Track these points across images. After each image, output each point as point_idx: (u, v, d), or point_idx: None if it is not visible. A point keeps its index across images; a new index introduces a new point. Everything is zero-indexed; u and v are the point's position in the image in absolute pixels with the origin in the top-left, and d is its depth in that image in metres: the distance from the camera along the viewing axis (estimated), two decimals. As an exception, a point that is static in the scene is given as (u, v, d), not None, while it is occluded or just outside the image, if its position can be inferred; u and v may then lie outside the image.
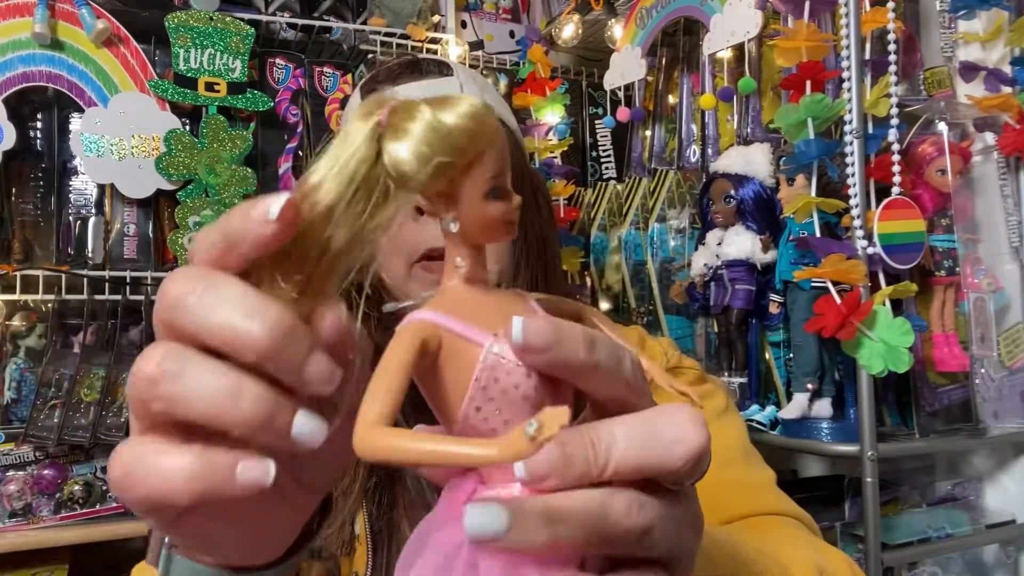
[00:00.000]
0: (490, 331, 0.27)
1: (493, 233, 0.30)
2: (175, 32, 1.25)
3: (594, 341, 0.26)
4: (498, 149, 0.29)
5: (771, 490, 0.66)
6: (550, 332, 0.25)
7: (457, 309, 0.28)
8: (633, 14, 1.36)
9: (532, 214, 0.71)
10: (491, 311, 0.29)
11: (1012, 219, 1.07)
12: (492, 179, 0.29)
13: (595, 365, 0.26)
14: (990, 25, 1.10)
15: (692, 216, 1.25)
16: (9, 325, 1.23)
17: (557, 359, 0.25)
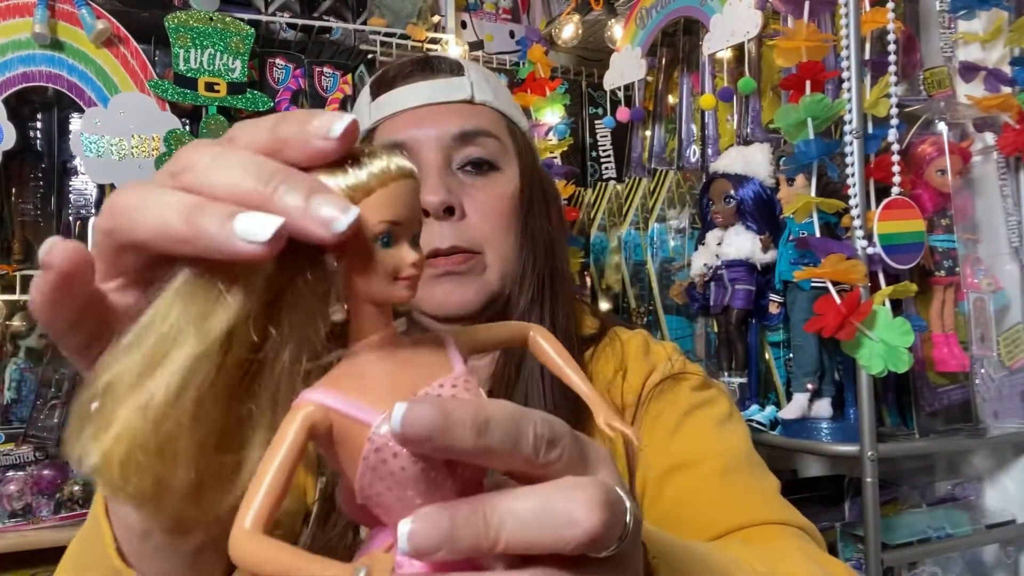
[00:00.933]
0: (382, 407, 0.26)
1: (383, 289, 0.27)
2: (175, 32, 1.25)
3: (487, 423, 0.25)
4: (402, 193, 0.27)
5: (774, 499, 0.64)
6: (431, 420, 0.24)
7: (351, 384, 0.27)
8: (633, 14, 1.36)
9: (540, 217, 0.71)
10: (391, 381, 0.27)
11: (1012, 219, 1.07)
12: (386, 223, 0.26)
13: (486, 449, 0.25)
14: (990, 25, 1.10)
15: (692, 216, 1.25)
16: (9, 325, 1.23)
17: (441, 447, 0.24)
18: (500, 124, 0.71)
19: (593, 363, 0.70)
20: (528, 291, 0.67)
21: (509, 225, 0.68)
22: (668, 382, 0.68)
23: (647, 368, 0.68)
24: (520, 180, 0.70)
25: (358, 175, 0.26)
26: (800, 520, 0.62)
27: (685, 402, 0.67)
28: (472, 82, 0.70)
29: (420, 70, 0.71)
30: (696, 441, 0.64)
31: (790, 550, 0.55)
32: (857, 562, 0.97)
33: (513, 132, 0.72)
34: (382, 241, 0.26)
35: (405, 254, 0.27)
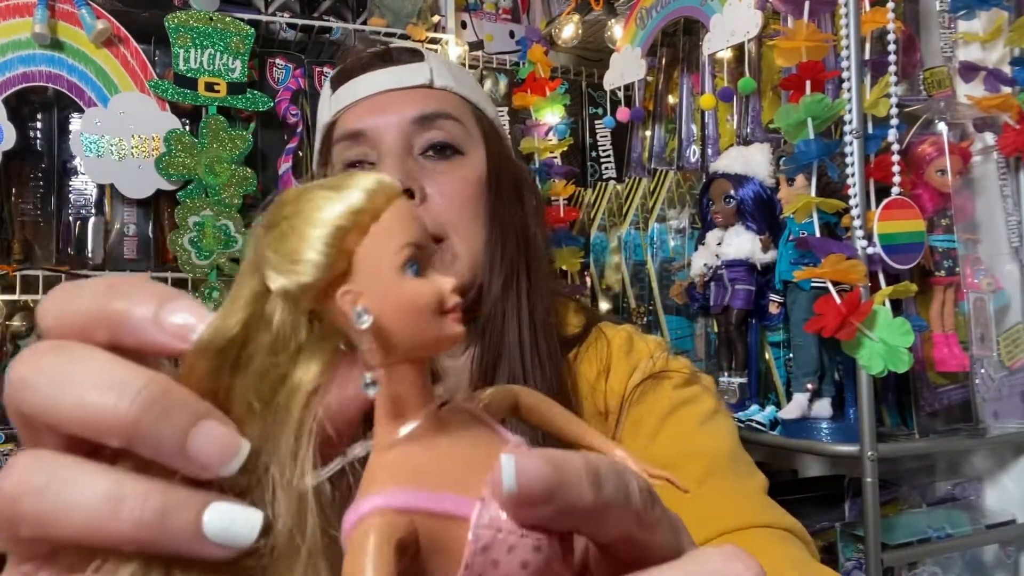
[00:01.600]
0: (473, 495, 0.20)
1: (433, 330, 0.21)
2: (175, 32, 1.25)
3: (598, 473, 0.20)
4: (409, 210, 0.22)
5: (760, 500, 0.61)
6: (547, 473, 0.19)
7: (419, 475, 0.20)
8: (633, 14, 1.36)
9: (510, 204, 0.69)
10: (464, 463, 0.21)
11: (1012, 219, 1.07)
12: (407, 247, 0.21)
13: (605, 505, 0.20)
14: (990, 25, 1.10)
15: (692, 216, 1.25)
16: (9, 325, 1.23)
17: (563, 507, 0.19)
18: (463, 109, 0.70)
19: (577, 364, 0.68)
20: (499, 278, 0.65)
21: (476, 210, 0.66)
22: (649, 382, 0.66)
23: (629, 368, 0.67)
24: (487, 166, 0.68)
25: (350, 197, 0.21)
26: (786, 521, 0.60)
27: (667, 402, 0.65)
28: (431, 68, 0.69)
29: (378, 60, 0.70)
30: (677, 443, 0.62)
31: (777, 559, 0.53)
32: (857, 562, 0.97)
33: (479, 118, 0.71)
34: (412, 270, 0.21)
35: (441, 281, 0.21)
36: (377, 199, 0.21)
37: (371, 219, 0.21)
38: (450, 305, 0.21)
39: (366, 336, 0.20)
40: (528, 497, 0.19)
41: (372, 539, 0.18)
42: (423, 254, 0.21)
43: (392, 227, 0.21)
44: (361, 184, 0.21)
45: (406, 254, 0.21)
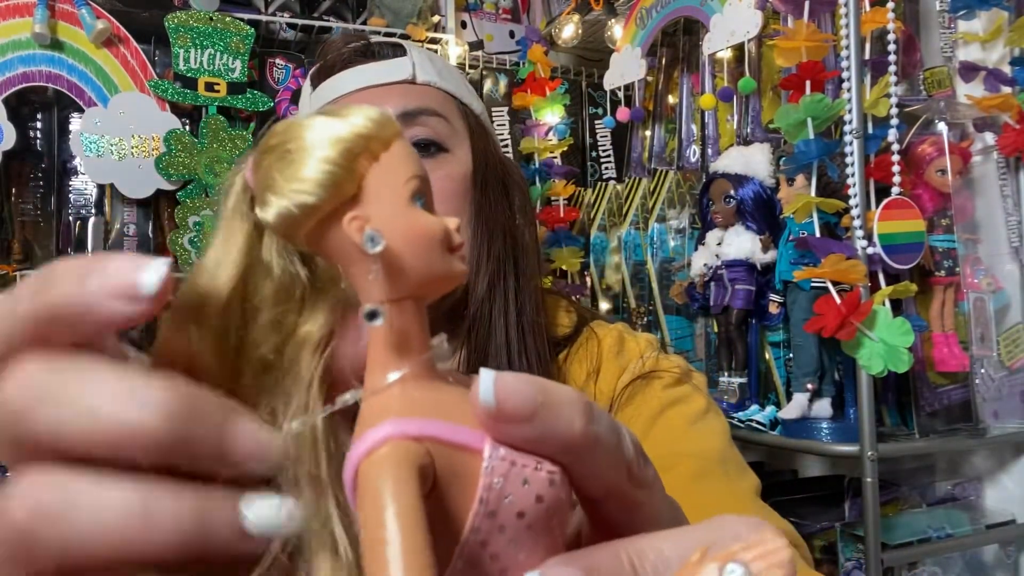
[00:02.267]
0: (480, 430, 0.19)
1: (441, 264, 0.20)
2: (175, 32, 1.25)
3: (590, 407, 0.19)
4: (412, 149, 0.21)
5: (752, 501, 0.60)
6: (532, 391, 0.18)
7: (428, 408, 0.19)
8: (633, 14, 1.36)
9: (496, 200, 0.67)
10: (462, 399, 0.19)
11: (1012, 219, 1.07)
12: (416, 178, 0.20)
13: (595, 439, 0.19)
14: (990, 25, 1.10)
15: (692, 216, 1.25)
16: (9, 325, 1.23)
17: (549, 431, 0.18)
18: (447, 104, 0.68)
19: (567, 366, 0.67)
20: (485, 278, 0.63)
21: (461, 209, 0.65)
22: (639, 383, 0.64)
23: (618, 369, 0.65)
24: (472, 162, 0.67)
25: (356, 121, 0.20)
26: (778, 524, 0.58)
27: (656, 403, 0.64)
28: (414, 63, 0.68)
29: (359, 55, 0.69)
30: (667, 445, 0.61)
31: None
32: (857, 562, 0.97)
33: (464, 113, 0.70)
34: (420, 203, 0.20)
35: (447, 219, 0.21)
36: (386, 128, 0.21)
37: (382, 146, 0.20)
38: (457, 242, 0.21)
39: (374, 265, 0.19)
40: (507, 413, 0.18)
41: (390, 466, 0.17)
42: (428, 190, 0.21)
43: (403, 157, 0.21)
44: (365, 112, 0.20)
45: (415, 185, 0.20)
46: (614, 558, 0.18)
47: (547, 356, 0.65)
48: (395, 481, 0.17)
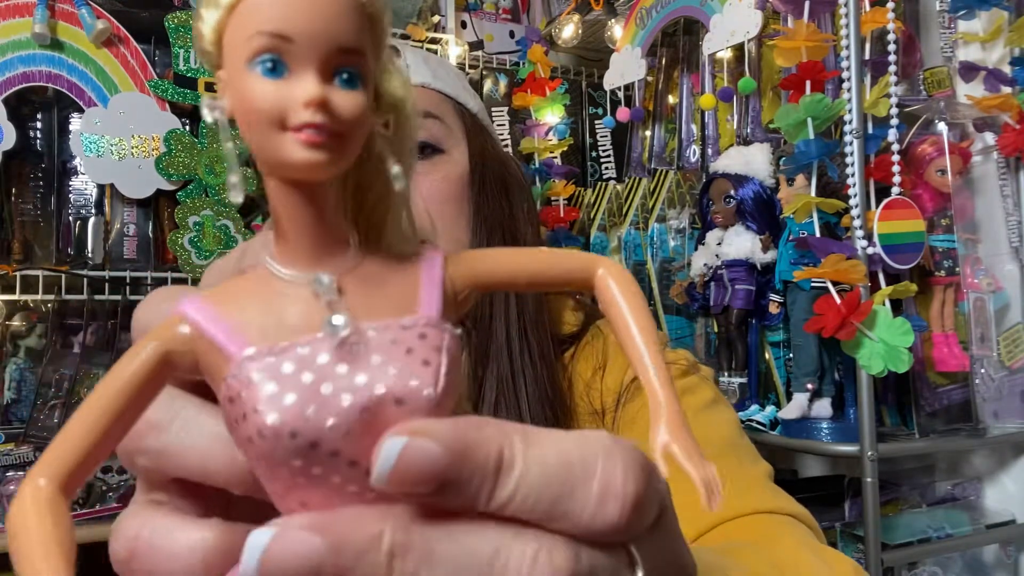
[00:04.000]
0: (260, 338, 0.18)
1: (265, 146, 0.18)
2: (175, 32, 1.25)
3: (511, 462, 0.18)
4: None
5: (765, 485, 0.60)
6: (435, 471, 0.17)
7: (237, 299, 0.19)
8: (633, 14, 1.36)
9: (495, 199, 0.67)
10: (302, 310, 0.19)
11: (1012, 219, 1.07)
12: (259, 35, 0.17)
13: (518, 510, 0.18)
14: (990, 25, 1.10)
15: (692, 216, 1.25)
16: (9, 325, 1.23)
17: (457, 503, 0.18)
18: (443, 105, 0.68)
19: (573, 363, 0.66)
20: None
21: (460, 209, 0.64)
22: None
23: (624, 363, 0.65)
24: (470, 162, 0.67)
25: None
26: (793, 507, 0.58)
27: None
28: (408, 64, 0.67)
29: None
30: None
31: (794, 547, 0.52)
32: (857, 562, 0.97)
33: (460, 113, 0.69)
34: (263, 67, 0.17)
35: (299, 88, 0.17)
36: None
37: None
38: (295, 122, 0.17)
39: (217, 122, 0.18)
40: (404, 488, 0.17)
41: (148, 338, 0.19)
42: (297, 49, 0.17)
43: (253, 8, 0.17)
44: None
45: (258, 43, 0.17)
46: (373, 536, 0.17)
47: (551, 354, 0.64)
48: (138, 352, 0.19)
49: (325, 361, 0.18)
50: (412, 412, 0.18)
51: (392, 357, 0.18)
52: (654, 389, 0.20)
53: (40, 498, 0.17)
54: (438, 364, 0.18)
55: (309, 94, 0.17)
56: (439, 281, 0.20)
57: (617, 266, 0.21)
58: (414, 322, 0.19)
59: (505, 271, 0.21)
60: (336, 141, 0.18)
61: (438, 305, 0.20)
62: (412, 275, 0.20)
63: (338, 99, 0.18)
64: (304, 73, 0.18)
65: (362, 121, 0.18)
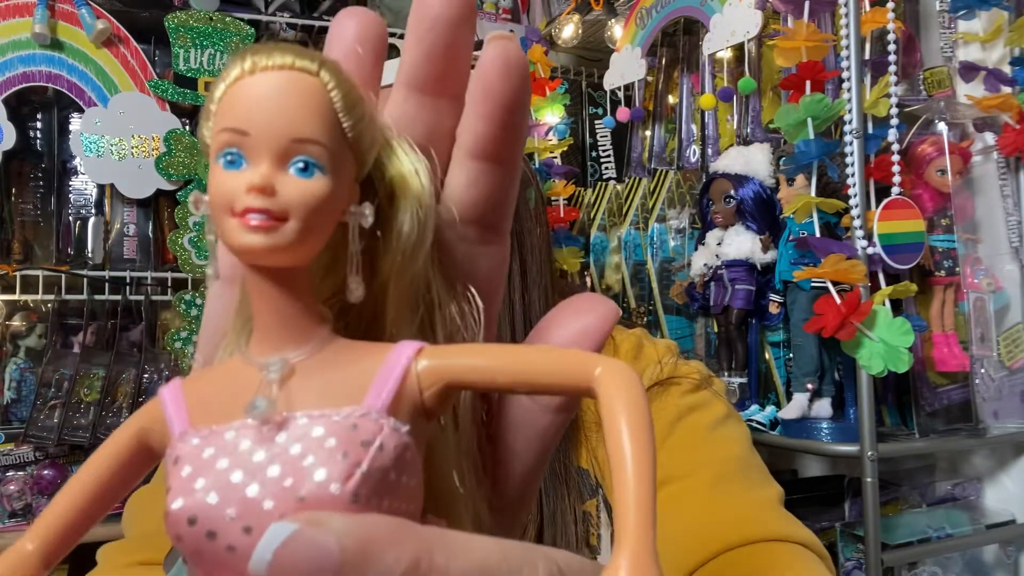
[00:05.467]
0: (203, 419, 0.19)
1: (223, 232, 0.19)
2: (175, 32, 1.25)
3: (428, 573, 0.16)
4: (258, 90, 0.19)
5: (775, 511, 0.58)
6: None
7: (205, 383, 0.20)
8: (633, 14, 1.36)
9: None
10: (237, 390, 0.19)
11: (1012, 219, 1.07)
12: (223, 132, 0.18)
13: None
14: (990, 25, 1.10)
15: (692, 216, 1.25)
16: (9, 325, 1.23)
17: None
18: None
19: None
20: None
21: None
22: (656, 389, 0.63)
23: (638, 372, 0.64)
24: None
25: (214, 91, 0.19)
26: (802, 534, 0.56)
27: (674, 410, 0.62)
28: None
29: None
30: (686, 452, 0.59)
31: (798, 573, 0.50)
32: (857, 562, 0.97)
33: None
34: (225, 161, 0.19)
35: (244, 176, 0.18)
36: (231, 75, 0.19)
37: (217, 101, 0.19)
38: (238, 207, 0.18)
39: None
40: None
41: (131, 420, 0.20)
42: (252, 143, 0.18)
43: (224, 109, 0.19)
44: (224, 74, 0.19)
45: (223, 139, 0.18)
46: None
47: None
48: (121, 429, 0.20)
49: (245, 447, 0.18)
50: (313, 510, 0.17)
51: (312, 448, 0.17)
52: (626, 523, 0.17)
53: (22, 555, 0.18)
54: (358, 459, 0.17)
55: (254, 179, 0.18)
56: (400, 374, 0.19)
57: (618, 367, 0.19)
58: (349, 413, 0.18)
59: (485, 371, 0.20)
60: (279, 226, 0.18)
61: (387, 398, 0.19)
62: (372, 365, 0.19)
63: (287, 185, 0.18)
64: (259, 164, 0.18)
65: (315, 206, 0.19)
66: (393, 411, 0.18)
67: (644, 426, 0.18)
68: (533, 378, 0.19)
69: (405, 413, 0.19)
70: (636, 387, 0.18)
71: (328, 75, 0.19)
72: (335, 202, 0.19)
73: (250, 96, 0.18)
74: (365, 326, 0.21)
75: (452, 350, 0.20)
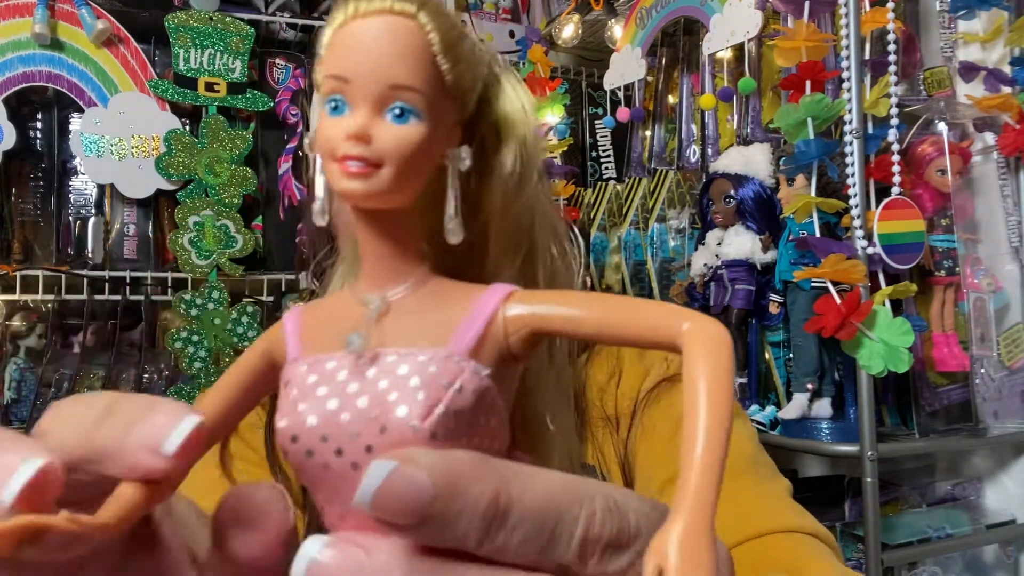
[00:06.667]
0: (316, 348, 0.20)
1: (329, 175, 0.20)
2: (175, 32, 1.25)
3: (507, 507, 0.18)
4: (357, 36, 0.19)
5: (785, 503, 0.58)
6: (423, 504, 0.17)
7: (323, 309, 0.22)
8: (633, 14, 1.36)
9: None
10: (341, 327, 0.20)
11: (1012, 219, 1.07)
12: (327, 79, 0.20)
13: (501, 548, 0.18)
14: (990, 25, 1.10)
15: (692, 216, 1.25)
16: (9, 325, 1.23)
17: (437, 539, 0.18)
18: None
19: (587, 368, 0.65)
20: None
21: None
22: (664, 385, 0.63)
23: (642, 372, 0.64)
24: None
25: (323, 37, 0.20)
26: (813, 526, 0.57)
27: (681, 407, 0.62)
28: None
29: None
30: None
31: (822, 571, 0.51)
32: (857, 562, 0.97)
33: None
34: (329, 107, 0.20)
35: (344, 123, 0.19)
36: (336, 21, 0.20)
37: (326, 47, 0.20)
38: (338, 154, 0.19)
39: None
40: (387, 517, 0.17)
41: (260, 340, 0.22)
42: (352, 89, 0.19)
43: (329, 56, 0.20)
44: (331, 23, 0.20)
45: (328, 86, 0.20)
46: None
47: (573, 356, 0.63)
48: (253, 345, 0.22)
49: (342, 378, 0.19)
50: (393, 442, 0.18)
51: (396, 385, 0.19)
52: (686, 486, 0.18)
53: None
54: (437, 399, 0.18)
55: (348, 128, 0.19)
56: (486, 319, 0.20)
57: (707, 324, 0.19)
58: (432, 354, 0.19)
59: (571, 319, 0.20)
60: (374, 172, 0.19)
61: (470, 342, 0.20)
62: (460, 308, 0.20)
63: (383, 132, 0.19)
64: (358, 111, 0.19)
65: (408, 153, 0.19)
66: (476, 354, 0.20)
67: (724, 390, 0.18)
68: (617, 329, 0.20)
69: (489, 356, 0.20)
70: (723, 348, 0.18)
71: (426, 17, 0.20)
72: (431, 147, 0.20)
73: (350, 43, 0.19)
74: (467, 264, 0.22)
75: (541, 296, 0.21)
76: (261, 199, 1.33)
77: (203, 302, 1.24)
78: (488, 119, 0.22)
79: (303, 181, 1.35)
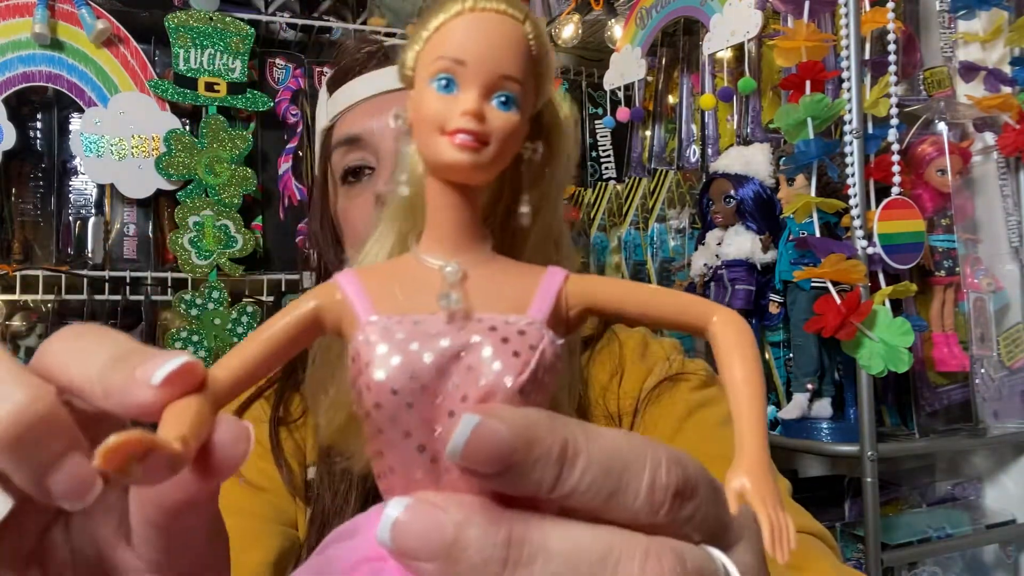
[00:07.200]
0: (389, 309, 0.22)
1: (426, 144, 0.22)
2: (175, 32, 1.25)
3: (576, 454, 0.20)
4: (474, 27, 0.22)
5: (788, 503, 0.59)
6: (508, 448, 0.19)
7: (383, 277, 0.23)
8: (633, 14, 1.36)
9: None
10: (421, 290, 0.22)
11: (1012, 219, 1.07)
12: (441, 59, 0.22)
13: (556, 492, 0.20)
14: (990, 25, 1.10)
15: (692, 216, 1.25)
16: (9, 325, 1.23)
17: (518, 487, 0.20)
18: None
19: (590, 367, 0.66)
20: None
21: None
22: (665, 384, 0.64)
23: (644, 371, 0.65)
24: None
25: (429, 21, 0.23)
26: (813, 526, 0.58)
27: (683, 405, 0.63)
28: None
29: (375, 59, 0.67)
30: (697, 446, 0.59)
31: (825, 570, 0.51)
32: (857, 562, 0.97)
33: None
34: (438, 84, 0.22)
35: (460, 101, 0.21)
36: (452, 10, 0.22)
37: (433, 31, 0.23)
38: (451, 127, 0.21)
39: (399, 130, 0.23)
40: (473, 466, 0.19)
41: (306, 295, 0.23)
42: (468, 72, 0.22)
43: (441, 39, 0.22)
44: (448, 7, 0.22)
45: (439, 66, 0.22)
46: (492, 529, 0.20)
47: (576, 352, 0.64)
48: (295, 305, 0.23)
49: (435, 332, 0.21)
50: (489, 395, 0.20)
51: (490, 343, 0.21)
52: (742, 435, 0.22)
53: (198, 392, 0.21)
54: (527, 360, 0.21)
55: (468, 105, 0.21)
56: (554, 293, 0.23)
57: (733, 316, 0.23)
58: (518, 320, 0.22)
59: (620, 300, 0.24)
60: (482, 148, 0.21)
61: (546, 313, 0.22)
62: (531, 282, 0.23)
63: (492, 114, 0.22)
64: (469, 91, 0.21)
65: (509, 137, 0.22)
66: (551, 324, 0.22)
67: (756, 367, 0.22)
68: (658, 312, 0.23)
69: (557, 327, 0.22)
70: (749, 334, 0.23)
71: (530, 26, 0.22)
72: (520, 135, 0.23)
73: (469, 31, 0.22)
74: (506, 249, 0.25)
75: (591, 278, 0.24)
76: (261, 199, 1.33)
77: (203, 302, 1.24)
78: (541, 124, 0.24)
79: (303, 181, 1.35)
